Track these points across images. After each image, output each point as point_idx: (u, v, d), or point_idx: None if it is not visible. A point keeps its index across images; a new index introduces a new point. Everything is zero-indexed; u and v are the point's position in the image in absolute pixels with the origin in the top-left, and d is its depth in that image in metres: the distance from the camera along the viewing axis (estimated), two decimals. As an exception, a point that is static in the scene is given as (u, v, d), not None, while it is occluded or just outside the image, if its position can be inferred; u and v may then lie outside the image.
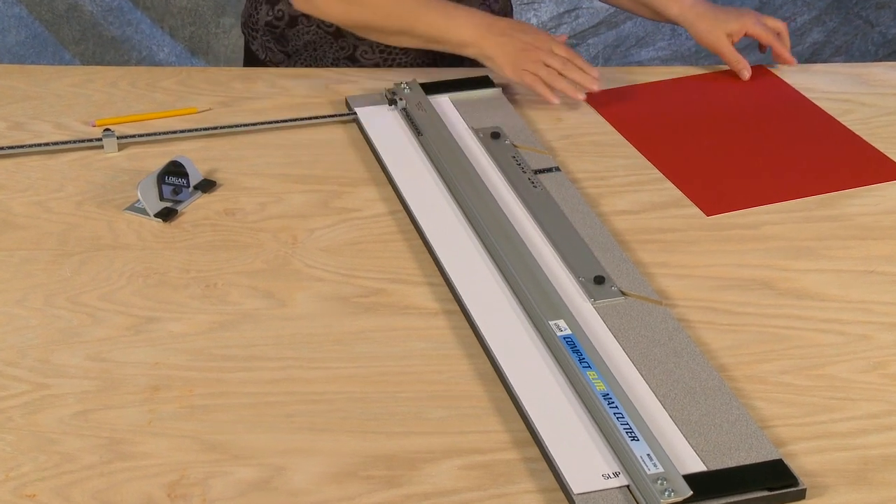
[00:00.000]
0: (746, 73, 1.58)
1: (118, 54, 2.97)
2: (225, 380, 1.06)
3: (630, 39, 3.05)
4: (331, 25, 1.59)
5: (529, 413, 1.00)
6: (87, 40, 2.96)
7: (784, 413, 1.03)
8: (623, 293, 1.15)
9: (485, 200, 1.29)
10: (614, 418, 0.98)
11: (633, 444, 0.96)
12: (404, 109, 1.48)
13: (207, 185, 1.34)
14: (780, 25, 1.61)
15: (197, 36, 2.99)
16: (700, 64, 3.11)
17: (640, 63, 3.07)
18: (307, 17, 1.59)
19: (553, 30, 3.03)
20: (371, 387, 1.06)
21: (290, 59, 1.65)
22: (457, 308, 1.15)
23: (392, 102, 1.49)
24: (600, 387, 1.02)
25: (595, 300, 1.14)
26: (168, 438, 1.00)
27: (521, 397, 1.02)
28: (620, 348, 1.08)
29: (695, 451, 0.97)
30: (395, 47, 1.61)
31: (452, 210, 1.29)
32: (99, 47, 2.96)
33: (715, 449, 0.97)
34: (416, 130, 1.43)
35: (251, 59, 1.71)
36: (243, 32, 1.70)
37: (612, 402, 1.00)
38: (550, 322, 1.10)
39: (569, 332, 1.08)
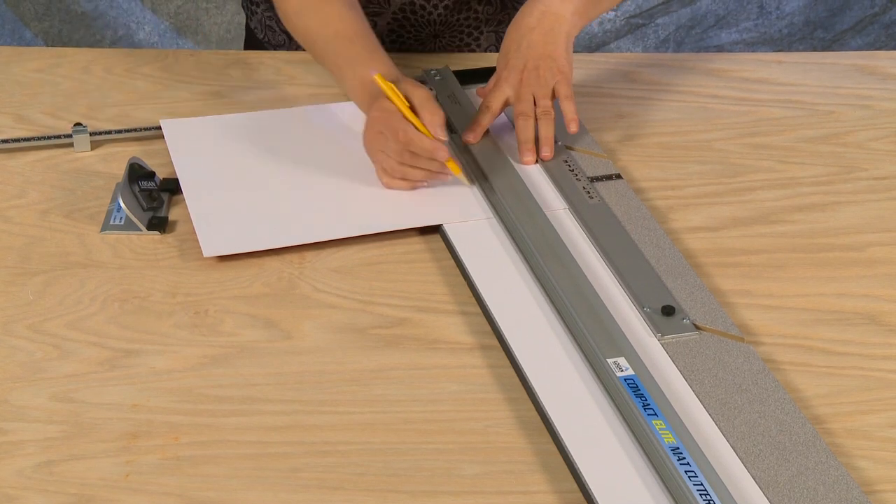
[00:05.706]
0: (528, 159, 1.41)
1: (89, 33, 3.00)
2: (217, 426, 1.08)
3: (708, 18, 3.06)
4: None
5: (582, 470, 1.01)
6: (52, 16, 2.99)
7: (894, 475, 1.04)
8: (697, 327, 1.16)
9: (531, 214, 1.30)
10: (685, 477, 0.99)
11: (708, 510, 0.97)
12: (434, 102, 1.49)
13: (172, 185, 1.35)
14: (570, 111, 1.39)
15: (184, 11, 3.01)
16: (794, 49, 3.12)
17: (719, 48, 3.08)
18: None
19: (616, 6, 3.03)
20: (393, 436, 1.07)
21: (293, 41, 1.67)
22: (496, 343, 1.17)
23: (419, 93, 1.51)
24: (669, 439, 1.03)
25: (663, 335, 1.15)
26: (148, 496, 1.01)
27: (571, 451, 1.03)
28: (693, 393, 1.09)
29: (783, 519, 0.98)
30: (407, 35, 1.62)
31: (491, 225, 1.30)
32: (66, 24, 3.00)
33: (808, 517, 0.98)
34: (448, 128, 1.44)
35: (252, 40, 1.73)
36: (242, 6, 1.73)
37: (683, 458, 1.01)
38: (609, 360, 1.11)
39: (631, 372, 1.09)
